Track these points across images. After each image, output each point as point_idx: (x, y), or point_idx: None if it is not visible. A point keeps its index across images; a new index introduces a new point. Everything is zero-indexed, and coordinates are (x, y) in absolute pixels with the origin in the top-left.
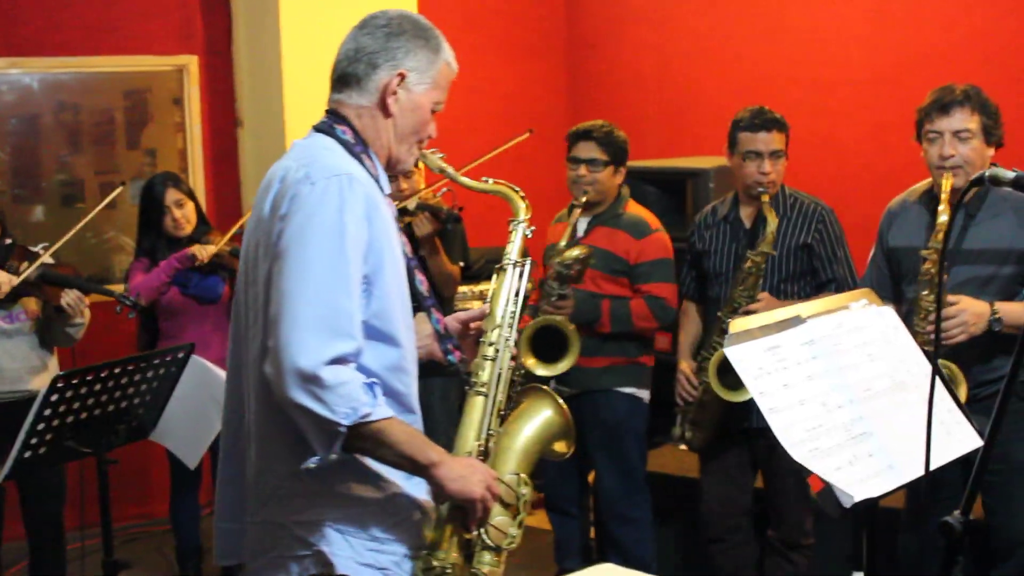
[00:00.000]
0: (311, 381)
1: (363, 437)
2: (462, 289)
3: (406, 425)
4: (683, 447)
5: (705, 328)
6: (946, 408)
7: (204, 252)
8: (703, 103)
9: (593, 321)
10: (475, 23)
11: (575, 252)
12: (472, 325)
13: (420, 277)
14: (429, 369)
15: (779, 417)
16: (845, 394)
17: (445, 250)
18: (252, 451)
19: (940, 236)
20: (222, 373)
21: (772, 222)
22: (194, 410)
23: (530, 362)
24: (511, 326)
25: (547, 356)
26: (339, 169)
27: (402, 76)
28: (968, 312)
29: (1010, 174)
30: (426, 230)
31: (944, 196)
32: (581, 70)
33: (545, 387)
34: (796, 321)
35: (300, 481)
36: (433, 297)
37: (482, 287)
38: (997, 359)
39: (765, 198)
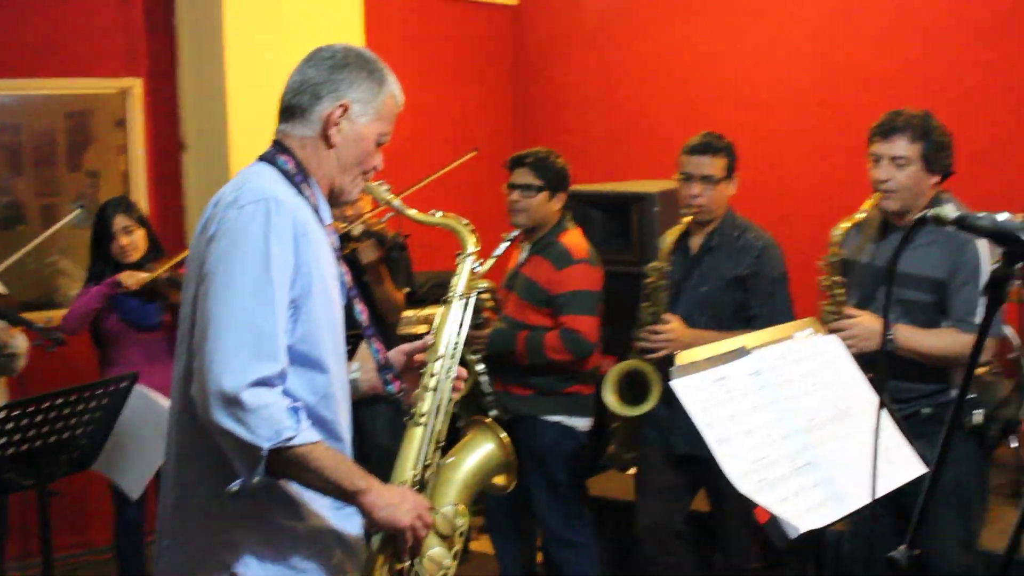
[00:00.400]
0: (233, 403)
1: (287, 461)
2: (407, 313)
3: (333, 451)
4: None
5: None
6: (888, 435)
7: (132, 279)
8: (648, 126)
9: (511, 351)
10: (421, 46)
11: (482, 284)
12: (416, 357)
13: (360, 306)
14: (375, 396)
15: (726, 448)
16: (790, 424)
17: (390, 276)
18: (172, 473)
19: (834, 249)
20: (166, 403)
21: (668, 236)
22: (137, 440)
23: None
24: (454, 357)
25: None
26: (266, 193)
27: (345, 107)
28: (860, 327)
29: (953, 214)
30: (371, 257)
31: (861, 216)
32: (527, 93)
33: (488, 420)
34: (741, 352)
35: (223, 504)
36: (373, 327)
37: (428, 311)
38: (910, 377)
39: (687, 219)
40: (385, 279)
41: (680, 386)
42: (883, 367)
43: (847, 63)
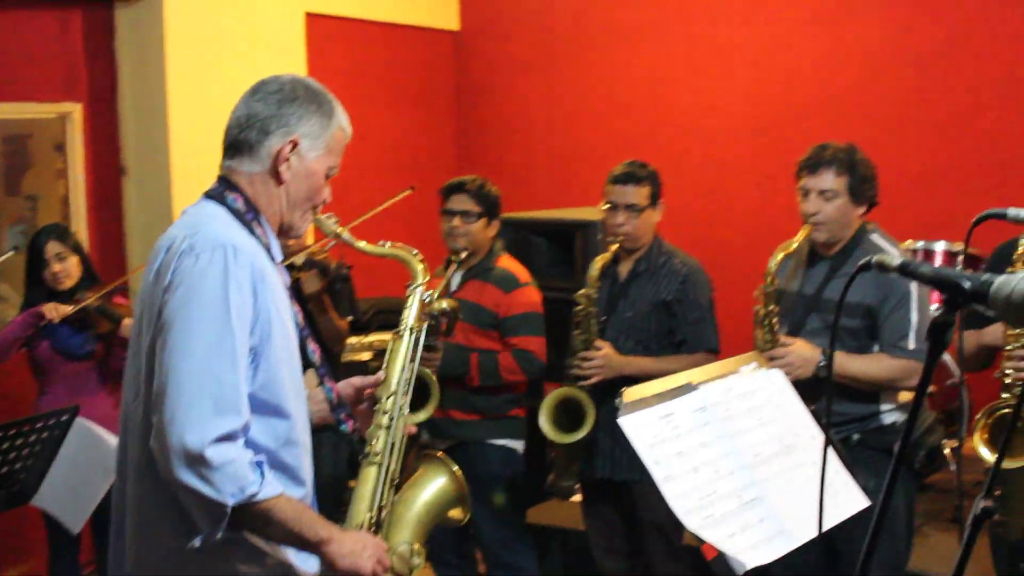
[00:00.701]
0: (197, 461)
1: (250, 516)
2: (351, 340)
3: (295, 502)
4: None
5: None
6: (833, 469)
7: (55, 312)
8: (590, 152)
9: (462, 374)
10: (363, 71)
11: (443, 304)
12: (366, 392)
13: (312, 346)
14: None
15: (673, 485)
16: (736, 460)
17: (334, 305)
18: (131, 528)
19: (768, 279)
20: (108, 435)
21: (596, 263)
22: (78, 474)
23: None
24: (406, 393)
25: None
26: (224, 239)
27: (294, 143)
28: (794, 355)
29: (897, 261)
30: (315, 287)
31: (794, 246)
32: (469, 119)
33: (440, 454)
34: (688, 388)
35: (184, 559)
36: (325, 365)
37: (372, 338)
38: (843, 403)
39: (613, 247)
40: (328, 308)
41: (627, 423)
42: (828, 396)
43: (785, 92)
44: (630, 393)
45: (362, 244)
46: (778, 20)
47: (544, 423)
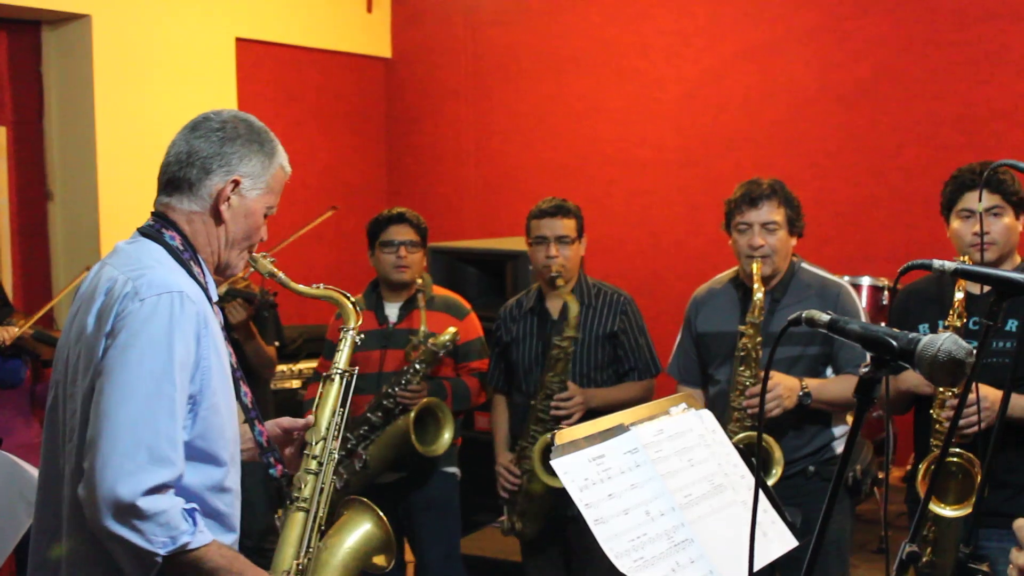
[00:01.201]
0: (128, 511)
1: (181, 565)
2: (281, 368)
3: (225, 549)
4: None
5: (519, 418)
6: (762, 509)
7: (6, 334)
8: (521, 180)
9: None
10: (293, 97)
11: (446, 337)
12: (295, 434)
13: (245, 389)
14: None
15: (604, 528)
16: (667, 501)
17: (260, 332)
18: (64, 573)
19: (756, 312)
20: (31, 469)
21: (574, 306)
22: (1, 507)
23: (419, 448)
24: (336, 438)
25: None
26: (170, 286)
27: (236, 182)
28: (782, 386)
29: (825, 317)
30: (240, 317)
31: (756, 277)
32: (400, 145)
33: (365, 500)
34: (620, 429)
35: None
36: (257, 408)
37: (301, 366)
38: (801, 436)
39: (560, 282)
40: (255, 336)
41: (559, 466)
42: (759, 431)
43: (713, 125)
44: (562, 435)
45: (296, 286)
46: (708, 54)
47: (538, 469)
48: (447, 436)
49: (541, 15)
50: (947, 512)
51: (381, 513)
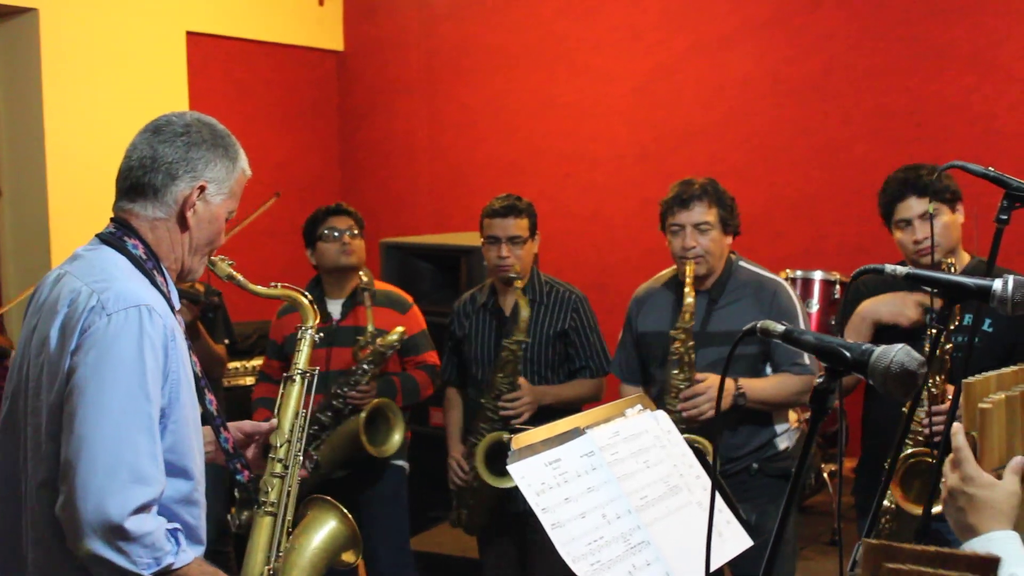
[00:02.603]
0: (114, 533)
1: None
2: (235, 365)
3: (206, 565)
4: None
5: (473, 412)
6: (717, 508)
7: None
8: (474, 174)
9: (391, 398)
10: (245, 91)
11: (394, 336)
12: (256, 437)
13: (210, 397)
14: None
15: (561, 532)
16: (623, 504)
17: (208, 331)
18: None
19: (687, 317)
20: None
21: (524, 310)
22: None
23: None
24: (300, 440)
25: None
26: (137, 299)
27: (202, 188)
28: (714, 388)
29: (780, 328)
30: (186, 318)
31: (688, 281)
32: (353, 139)
33: (329, 498)
34: (576, 433)
35: None
36: (222, 416)
37: (256, 362)
38: (741, 434)
39: (519, 283)
40: (203, 335)
41: (516, 471)
42: (716, 434)
43: (666, 119)
44: (518, 440)
45: (255, 287)
46: (659, 49)
47: (481, 468)
48: (397, 437)
49: (494, 10)
50: (910, 507)
51: (345, 510)
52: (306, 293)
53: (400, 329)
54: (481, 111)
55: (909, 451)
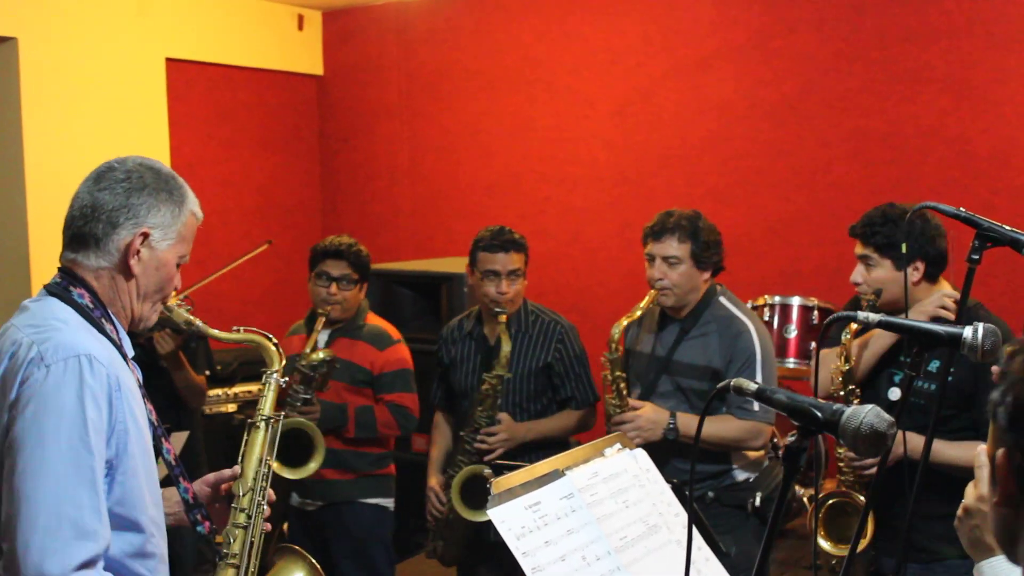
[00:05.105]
0: None
1: None
2: (216, 392)
3: None
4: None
5: (454, 440)
6: (696, 546)
7: None
8: (455, 197)
9: (340, 427)
10: (226, 115)
11: (320, 355)
12: (222, 487)
13: (167, 446)
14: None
15: None
16: (603, 545)
17: (190, 360)
18: None
19: (613, 348)
20: None
21: (506, 344)
22: None
23: (275, 466)
24: (264, 489)
25: (293, 460)
26: (76, 348)
27: (145, 235)
28: (643, 418)
29: (753, 387)
30: (168, 347)
31: (642, 306)
32: (334, 163)
33: (298, 548)
34: (556, 475)
35: None
36: (180, 465)
37: (236, 389)
38: (699, 463)
39: (503, 318)
40: (184, 365)
41: (496, 515)
42: (692, 463)
43: (645, 142)
44: (498, 484)
45: (214, 332)
46: (638, 72)
47: (456, 501)
48: (312, 465)
49: (473, 33)
50: (830, 548)
51: (313, 560)
52: (271, 336)
53: (326, 351)
54: (460, 134)
55: (831, 493)
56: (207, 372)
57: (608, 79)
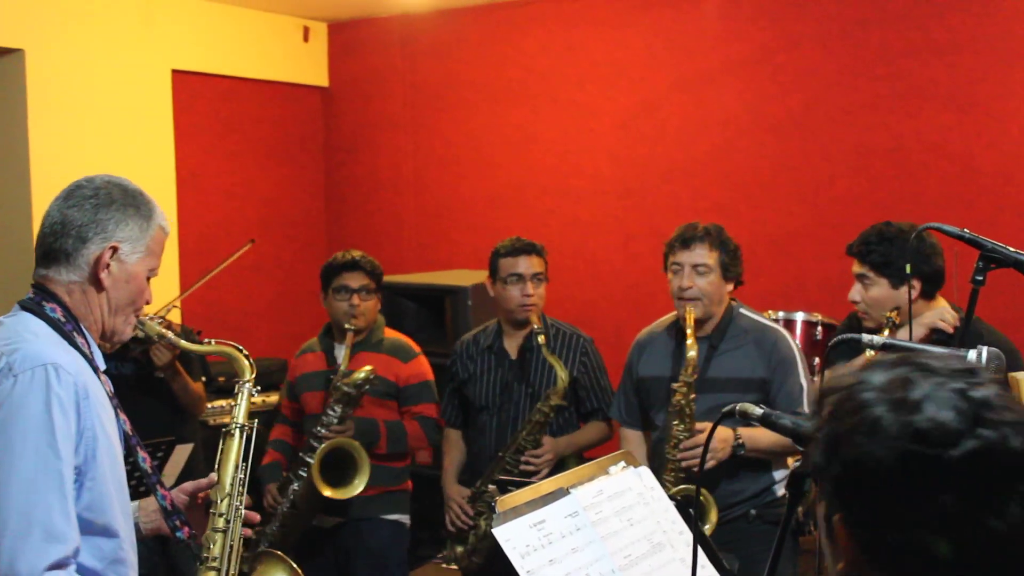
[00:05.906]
0: None
1: None
2: (219, 403)
3: None
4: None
5: (473, 454)
6: (700, 564)
7: None
8: (458, 209)
9: (372, 443)
10: (231, 127)
11: (361, 374)
12: (200, 495)
13: (143, 455)
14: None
15: None
16: (607, 564)
17: (185, 369)
18: None
19: (690, 370)
20: None
21: (562, 373)
22: None
23: (328, 492)
24: (241, 494)
25: (334, 480)
26: (43, 358)
27: (114, 248)
28: (715, 438)
29: (758, 411)
30: (165, 358)
31: (690, 332)
32: (338, 174)
33: (279, 552)
34: (560, 493)
35: None
36: (156, 473)
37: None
38: (740, 481)
39: (542, 339)
40: (181, 374)
41: (500, 534)
42: (697, 487)
43: (649, 155)
44: (503, 502)
45: (186, 344)
46: (642, 86)
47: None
48: (358, 483)
49: (478, 45)
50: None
51: (295, 565)
52: (242, 348)
53: (368, 368)
54: (464, 147)
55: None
56: (203, 378)
57: (612, 92)
